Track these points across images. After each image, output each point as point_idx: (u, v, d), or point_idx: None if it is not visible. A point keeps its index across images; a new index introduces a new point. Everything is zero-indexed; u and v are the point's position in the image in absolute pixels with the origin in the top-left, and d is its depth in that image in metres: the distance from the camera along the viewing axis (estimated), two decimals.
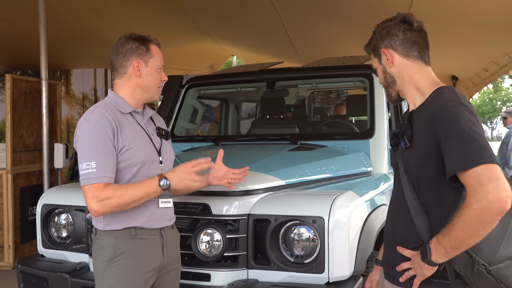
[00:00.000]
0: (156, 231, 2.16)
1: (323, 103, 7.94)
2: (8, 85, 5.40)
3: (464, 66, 7.91)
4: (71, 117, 8.21)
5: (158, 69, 2.21)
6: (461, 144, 1.55)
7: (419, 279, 1.71)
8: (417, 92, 1.81)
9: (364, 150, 3.37)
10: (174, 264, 2.26)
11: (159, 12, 6.89)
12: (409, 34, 1.81)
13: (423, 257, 1.66)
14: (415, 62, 1.82)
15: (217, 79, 4.29)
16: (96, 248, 2.14)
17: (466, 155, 1.53)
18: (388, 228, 1.91)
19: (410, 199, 1.75)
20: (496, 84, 31.77)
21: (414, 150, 1.73)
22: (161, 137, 2.28)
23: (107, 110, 2.11)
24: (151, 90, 2.22)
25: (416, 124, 1.74)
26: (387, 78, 1.87)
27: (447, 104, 1.65)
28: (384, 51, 1.85)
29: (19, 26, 6.76)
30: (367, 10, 5.36)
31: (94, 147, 2.03)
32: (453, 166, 1.56)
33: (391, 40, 1.83)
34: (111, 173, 2.04)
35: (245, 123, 5.25)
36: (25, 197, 5.62)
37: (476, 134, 1.56)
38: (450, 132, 1.59)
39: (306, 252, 2.41)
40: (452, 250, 1.59)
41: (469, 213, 1.51)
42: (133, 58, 2.17)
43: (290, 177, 2.82)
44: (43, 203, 3.02)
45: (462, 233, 1.54)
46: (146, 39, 2.21)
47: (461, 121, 1.59)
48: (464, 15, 5.33)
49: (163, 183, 2.06)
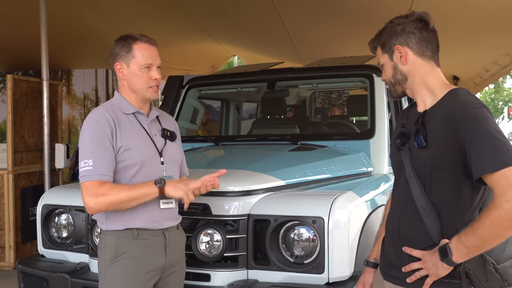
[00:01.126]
0: (159, 231, 2.16)
1: (324, 103, 7.93)
2: (9, 86, 5.41)
3: (465, 66, 7.90)
4: (72, 118, 8.21)
5: (143, 69, 2.17)
6: (488, 146, 1.57)
7: (432, 279, 1.69)
8: (429, 93, 1.80)
9: (364, 150, 3.37)
10: (178, 265, 2.26)
11: (161, 12, 6.89)
12: (425, 33, 1.80)
13: (443, 257, 1.65)
14: (428, 62, 1.81)
15: (218, 79, 4.29)
16: (100, 247, 2.18)
17: (494, 157, 1.55)
18: (391, 229, 1.88)
19: (419, 198, 1.74)
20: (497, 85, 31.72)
21: (429, 150, 1.72)
22: (166, 138, 2.27)
23: (108, 110, 2.14)
24: (140, 90, 2.19)
25: (430, 124, 1.73)
26: (398, 75, 1.85)
27: (468, 106, 1.65)
28: (399, 48, 1.82)
29: (21, 26, 6.77)
30: (367, 10, 5.36)
31: (92, 145, 2.07)
32: (481, 168, 1.57)
33: (407, 38, 1.80)
34: (108, 171, 2.06)
35: (246, 123, 5.25)
36: (26, 197, 5.62)
37: (501, 135, 1.59)
38: (476, 135, 1.60)
39: (306, 252, 2.41)
40: (475, 250, 1.60)
41: (499, 213, 1.53)
42: (116, 62, 2.19)
43: (290, 177, 2.82)
44: (43, 203, 3.02)
45: (489, 233, 1.56)
46: (129, 39, 2.18)
47: (485, 123, 1.61)
48: (465, 15, 5.33)
49: (158, 181, 2.06)
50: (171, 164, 2.25)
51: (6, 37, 7.06)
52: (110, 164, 2.07)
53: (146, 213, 2.13)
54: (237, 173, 2.71)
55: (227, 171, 2.75)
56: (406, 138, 1.81)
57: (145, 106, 2.26)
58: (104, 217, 2.14)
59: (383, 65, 1.91)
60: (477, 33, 5.93)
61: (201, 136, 4.32)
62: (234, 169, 2.77)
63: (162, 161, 2.20)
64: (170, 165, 2.24)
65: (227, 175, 2.67)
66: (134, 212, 2.11)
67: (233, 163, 3.12)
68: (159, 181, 2.06)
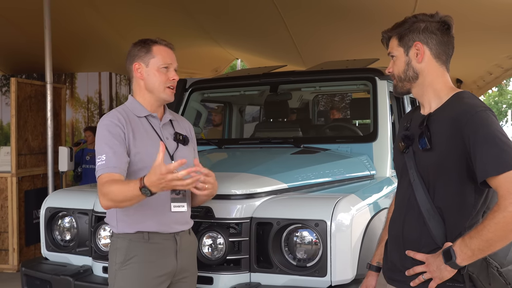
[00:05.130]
0: (170, 235, 2.16)
1: (327, 106, 7.93)
2: (13, 89, 5.44)
3: (468, 69, 7.91)
4: (75, 121, 8.24)
5: (162, 68, 2.21)
6: (492, 149, 1.57)
7: (436, 282, 1.69)
8: (435, 95, 1.80)
9: (367, 153, 3.36)
10: (189, 271, 2.25)
11: (164, 15, 6.92)
12: (446, 38, 1.80)
13: (447, 259, 1.64)
14: (441, 66, 1.81)
15: (221, 82, 4.30)
16: (111, 249, 2.18)
17: (499, 160, 1.55)
18: (395, 232, 1.88)
19: (423, 201, 1.74)
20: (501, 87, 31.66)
21: (434, 152, 1.71)
22: (178, 141, 2.27)
23: (121, 113, 2.18)
24: (157, 90, 2.21)
25: (435, 127, 1.73)
26: (410, 72, 1.82)
27: (473, 109, 1.65)
28: (418, 45, 1.79)
29: (25, 30, 6.81)
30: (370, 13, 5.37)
31: (105, 142, 2.09)
32: (486, 171, 1.57)
33: (429, 37, 1.79)
34: (120, 164, 2.05)
35: (249, 126, 5.26)
36: (30, 200, 5.64)
37: (506, 138, 1.59)
38: (481, 137, 1.60)
39: (308, 255, 2.41)
40: (479, 252, 1.59)
41: (504, 215, 1.53)
42: (134, 61, 2.23)
43: (293, 181, 2.82)
44: (46, 206, 3.03)
45: (494, 235, 1.55)
46: (149, 41, 2.24)
47: (490, 126, 1.61)
48: (468, 18, 5.33)
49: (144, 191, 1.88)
50: (183, 168, 2.24)
51: (10, 41, 7.11)
52: (122, 158, 2.07)
53: (157, 216, 2.13)
54: (240, 176, 2.71)
55: (230, 174, 2.76)
56: (410, 141, 1.80)
57: (159, 109, 2.27)
58: (116, 220, 2.15)
59: (393, 57, 1.86)
60: (480, 36, 5.93)
61: (204, 139, 4.32)
62: (237, 172, 2.78)
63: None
64: (182, 169, 2.23)
65: (230, 178, 2.69)
66: (144, 215, 2.11)
67: (235, 166, 3.12)
68: (144, 191, 1.89)
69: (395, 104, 3.62)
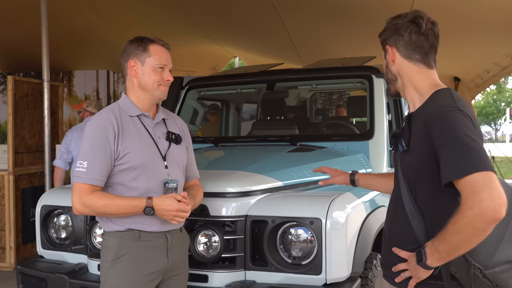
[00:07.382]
0: (161, 234, 2.16)
1: (324, 104, 7.93)
2: (10, 87, 5.42)
3: (466, 68, 7.90)
4: (73, 119, 8.21)
5: (158, 68, 2.20)
6: (455, 152, 1.54)
7: (414, 280, 1.71)
8: (416, 94, 1.79)
9: (363, 151, 3.36)
10: (180, 268, 2.26)
11: (162, 13, 6.90)
12: (415, 37, 1.78)
13: (418, 260, 1.65)
14: (415, 65, 1.80)
15: (217, 80, 4.29)
16: (102, 247, 2.19)
17: (460, 163, 1.52)
18: (385, 228, 1.91)
19: (407, 201, 1.75)
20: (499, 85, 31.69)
21: (411, 153, 1.72)
22: (170, 141, 2.27)
23: (114, 113, 2.17)
24: (150, 89, 2.21)
25: (414, 127, 1.73)
26: (389, 74, 1.87)
27: (441, 109, 1.63)
28: (388, 49, 1.84)
29: (22, 27, 6.79)
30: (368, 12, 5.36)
31: (90, 148, 2.09)
32: (448, 174, 1.55)
33: (396, 39, 1.81)
34: (101, 176, 2.08)
35: (246, 124, 5.25)
36: (27, 198, 5.63)
37: (470, 140, 1.54)
38: (444, 139, 1.58)
39: (303, 253, 2.41)
40: (446, 255, 1.59)
41: (462, 220, 1.51)
42: (130, 59, 2.22)
43: (288, 179, 2.82)
44: (42, 204, 3.03)
45: (456, 239, 1.54)
46: (146, 39, 2.23)
47: (455, 128, 1.57)
48: (465, 16, 5.32)
49: (147, 211, 2.08)
50: (176, 167, 2.25)
51: (7, 38, 7.09)
52: (104, 169, 2.09)
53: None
54: (235, 174, 2.71)
55: (225, 172, 2.76)
56: (397, 140, 1.80)
57: (152, 108, 2.27)
58: (106, 218, 2.15)
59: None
60: (478, 34, 5.92)
61: (201, 137, 4.32)
62: (232, 170, 2.78)
63: (166, 165, 2.20)
64: (175, 168, 2.24)
65: (225, 176, 2.69)
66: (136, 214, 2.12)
67: (231, 164, 3.12)
68: (147, 211, 2.08)
69: (391, 102, 3.61)
